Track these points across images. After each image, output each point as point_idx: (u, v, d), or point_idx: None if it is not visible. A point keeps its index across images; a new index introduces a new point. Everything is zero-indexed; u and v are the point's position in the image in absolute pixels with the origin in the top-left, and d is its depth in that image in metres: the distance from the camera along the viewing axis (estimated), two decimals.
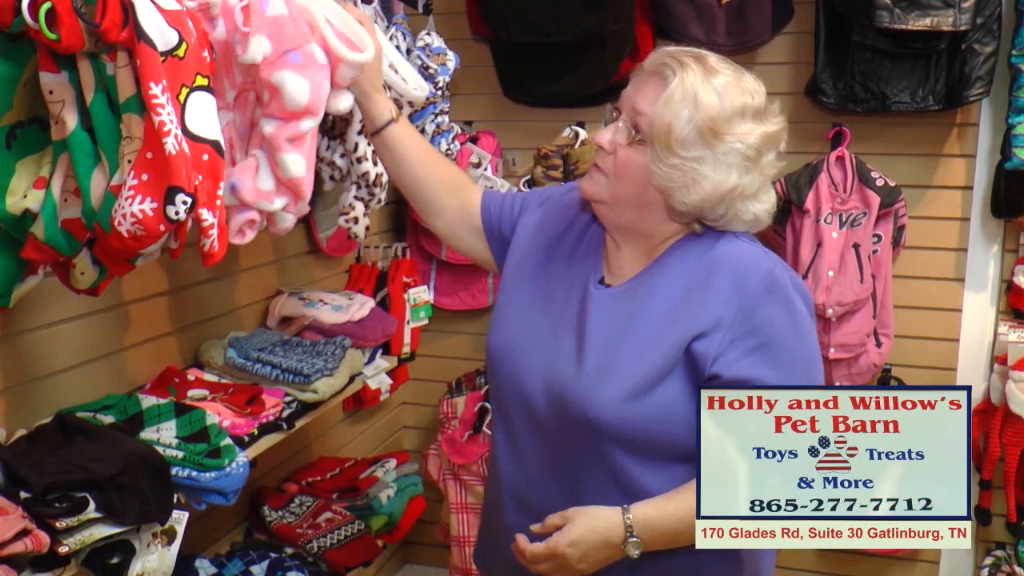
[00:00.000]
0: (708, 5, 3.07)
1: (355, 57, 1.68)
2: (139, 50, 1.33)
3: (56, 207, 1.47)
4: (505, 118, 3.48)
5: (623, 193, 1.59)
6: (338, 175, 2.07)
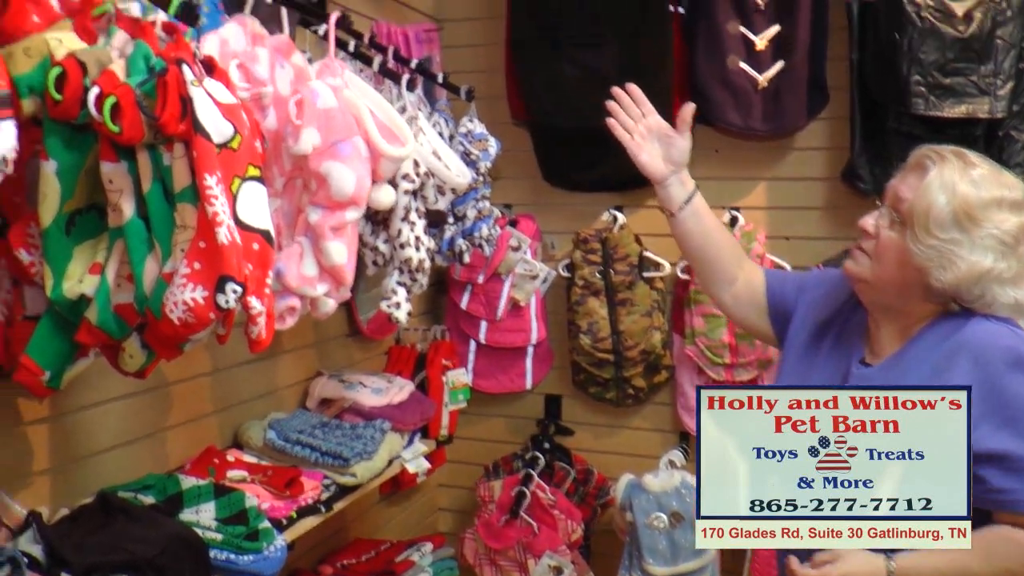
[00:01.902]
0: (745, 90, 3.13)
1: (396, 152, 1.73)
2: (195, 142, 1.39)
3: (110, 292, 1.51)
4: (544, 202, 3.53)
5: (884, 273, 1.66)
6: (381, 260, 2.12)
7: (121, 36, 1.45)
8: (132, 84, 1.35)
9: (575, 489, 3.40)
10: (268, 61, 1.75)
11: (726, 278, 1.94)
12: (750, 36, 3.14)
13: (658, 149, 1.89)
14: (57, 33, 1.38)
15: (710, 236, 1.90)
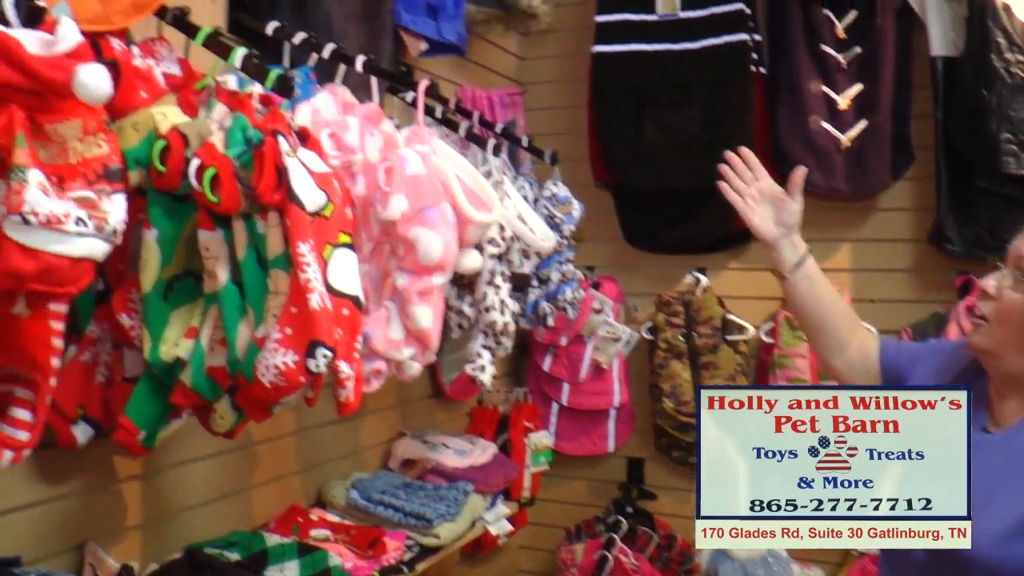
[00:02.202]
0: (827, 150, 3.11)
1: (483, 218, 1.76)
2: (289, 211, 1.43)
3: (203, 355, 1.55)
4: (627, 264, 3.54)
5: (1007, 337, 1.63)
6: (466, 324, 2.14)
7: (221, 109, 1.51)
8: (231, 156, 1.40)
9: (658, 555, 3.35)
10: (358, 129, 1.80)
11: (839, 343, 1.91)
12: (832, 95, 3.13)
13: (770, 212, 1.89)
14: (162, 107, 1.44)
15: (823, 300, 1.88)
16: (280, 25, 1.91)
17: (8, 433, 1.28)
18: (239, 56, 1.54)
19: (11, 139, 1.05)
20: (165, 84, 1.54)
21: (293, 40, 1.89)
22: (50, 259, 1.08)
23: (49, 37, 1.08)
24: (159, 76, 1.53)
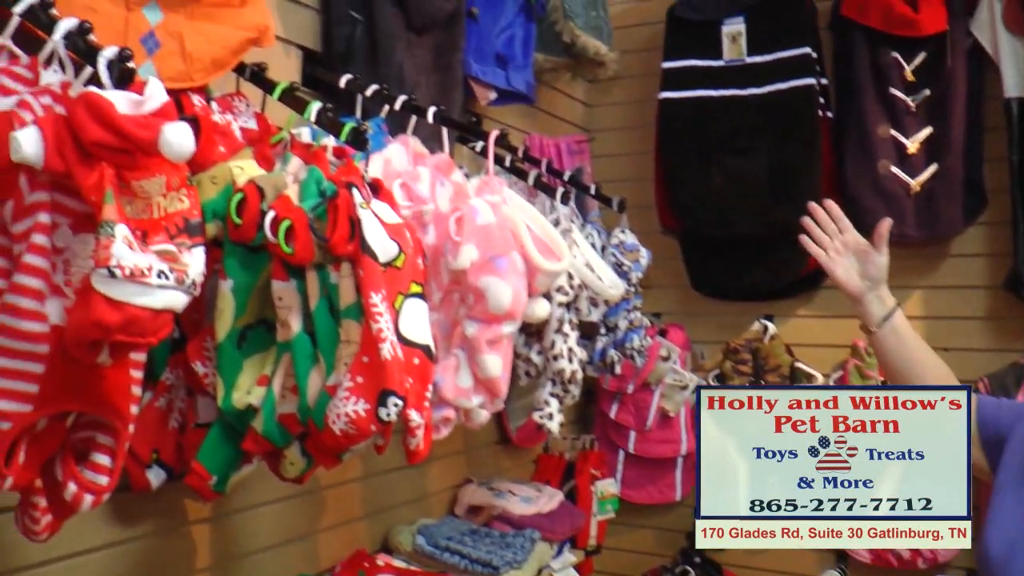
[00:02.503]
0: (897, 195, 3.07)
1: (552, 267, 1.77)
2: (362, 262, 1.45)
3: (275, 403, 1.57)
4: (693, 311, 3.52)
5: None
6: (533, 371, 2.14)
7: (296, 162, 1.54)
8: (305, 208, 1.43)
9: None
10: (429, 179, 1.83)
11: None
12: (901, 139, 3.10)
13: (854, 265, 1.86)
14: (239, 161, 1.48)
15: (913, 356, 1.83)
16: (353, 77, 1.96)
17: (90, 478, 1.31)
18: (314, 110, 1.58)
19: (101, 196, 1.09)
20: (242, 138, 1.59)
21: (366, 92, 1.93)
22: (134, 311, 1.11)
23: (138, 97, 1.11)
24: (237, 130, 1.58)
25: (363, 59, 2.10)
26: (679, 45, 3.33)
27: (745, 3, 3.24)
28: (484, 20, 2.50)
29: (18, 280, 1.15)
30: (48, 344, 1.17)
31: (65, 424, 1.29)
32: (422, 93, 2.15)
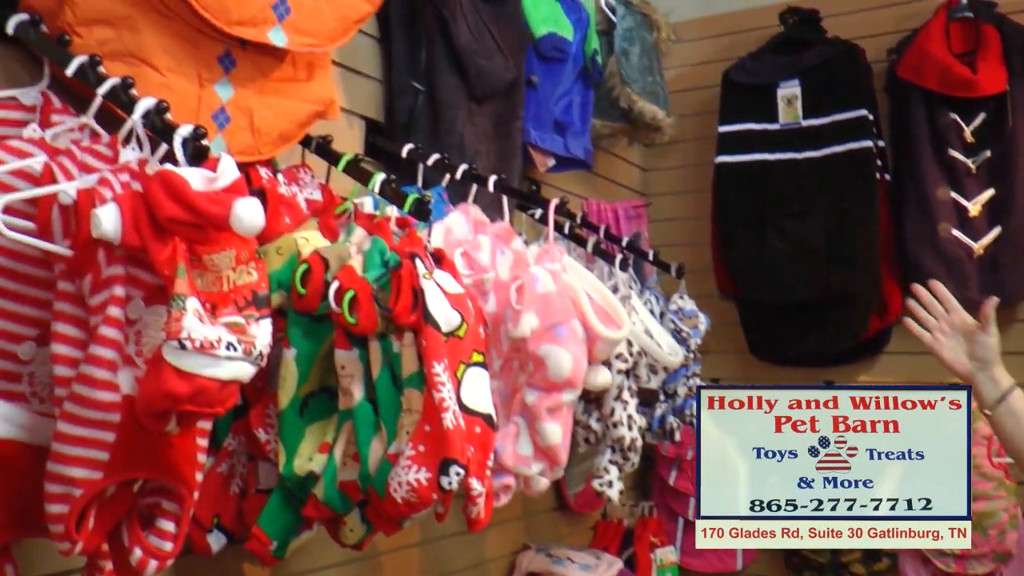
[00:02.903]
0: (959, 259, 3.03)
1: (612, 335, 1.77)
2: (425, 332, 1.46)
3: (336, 470, 1.58)
4: (753, 376, 3.48)
5: None
6: (593, 439, 2.13)
7: (360, 232, 1.57)
8: (369, 278, 1.45)
9: None
10: (490, 248, 1.84)
11: None
12: (962, 202, 3.07)
13: (962, 346, 1.81)
14: (304, 232, 1.51)
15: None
16: (415, 147, 1.99)
17: (155, 544, 1.32)
18: (378, 181, 1.61)
19: (174, 269, 1.11)
20: (307, 209, 1.62)
21: (427, 162, 1.96)
22: (203, 382, 1.13)
23: (211, 174, 1.15)
24: (302, 202, 1.61)
25: (425, 128, 2.13)
26: (735, 108, 3.35)
27: (800, 66, 3.25)
28: (543, 87, 2.54)
29: (93, 351, 1.18)
30: (119, 413, 1.20)
31: (132, 490, 1.31)
32: (482, 161, 2.18)
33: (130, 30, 1.44)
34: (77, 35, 1.40)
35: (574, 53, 2.67)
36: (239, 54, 1.57)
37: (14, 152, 1.25)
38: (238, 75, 1.57)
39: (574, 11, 2.72)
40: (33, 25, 1.40)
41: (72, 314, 1.22)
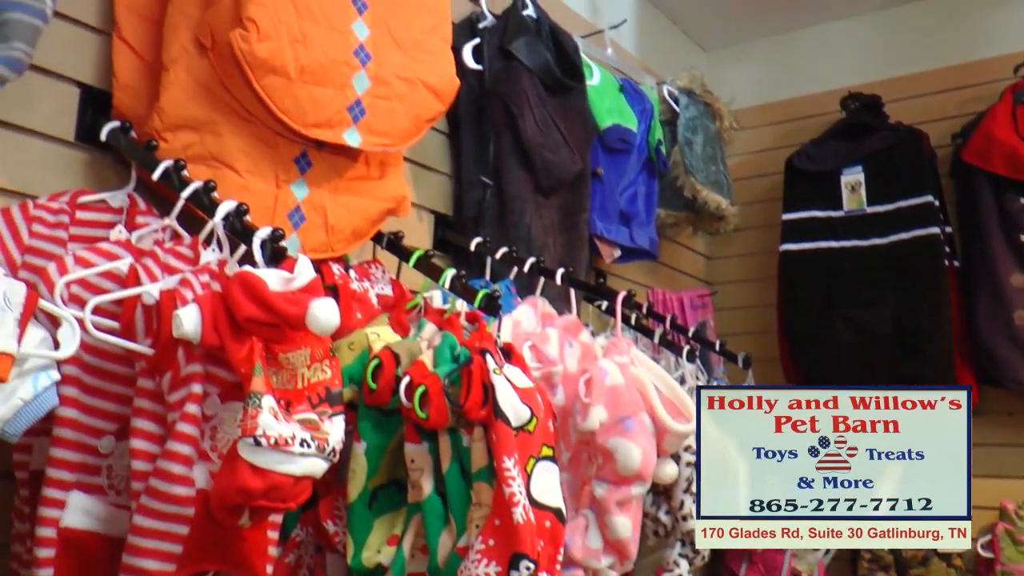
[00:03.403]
0: None
1: (681, 428, 1.75)
2: (495, 427, 1.45)
3: (405, 563, 1.56)
4: None
5: None
6: (662, 531, 2.09)
7: (430, 328, 1.58)
8: (439, 374, 1.45)
9: None
10: (558, 340, 1.84)
11: None
12: None
13: None
14: (376, 327, 1.52)
15: None
16: (483, 240, 2.01)
17: None
18: (448, 277, 1.62)
19: (251, 368, 1.13)
20: (378, 304, 1.64)
21: (495, 255, 1.97)
22: (277, 478, 1.14)
23: (288, 275, 1.17)
24: (373, 297, 1.63)
25: (493, 221, 2.15)
26: (798, 196, 3.32)
27: (863, 152, 3.22)
28: (608, 178, 2.55)
29: (171, 447, 1.20)
30: (194, 507, 1.21)
31: None
32: (549, 253, 2.19)
33: (212, 134, 1.49)
34: (163, 140, 1.45)
35: (638, 144, 2.70)
36: (315, 155, 1.61)
37: (103, 254, 1.29)
38: (313, 175, 1.61)
39: (638, 102, 2.75)
40: (123, 131, 1.46)
41: (151, 410, 1.25)
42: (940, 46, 3.41)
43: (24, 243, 1.34)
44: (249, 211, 1.30)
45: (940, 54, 3.40)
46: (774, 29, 3.78)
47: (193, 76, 1.48)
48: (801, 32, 3.77)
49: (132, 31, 1.54)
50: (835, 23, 3.70)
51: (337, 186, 1.64)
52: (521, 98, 2.17)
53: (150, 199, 1.47)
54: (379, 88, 1.62)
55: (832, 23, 3.70)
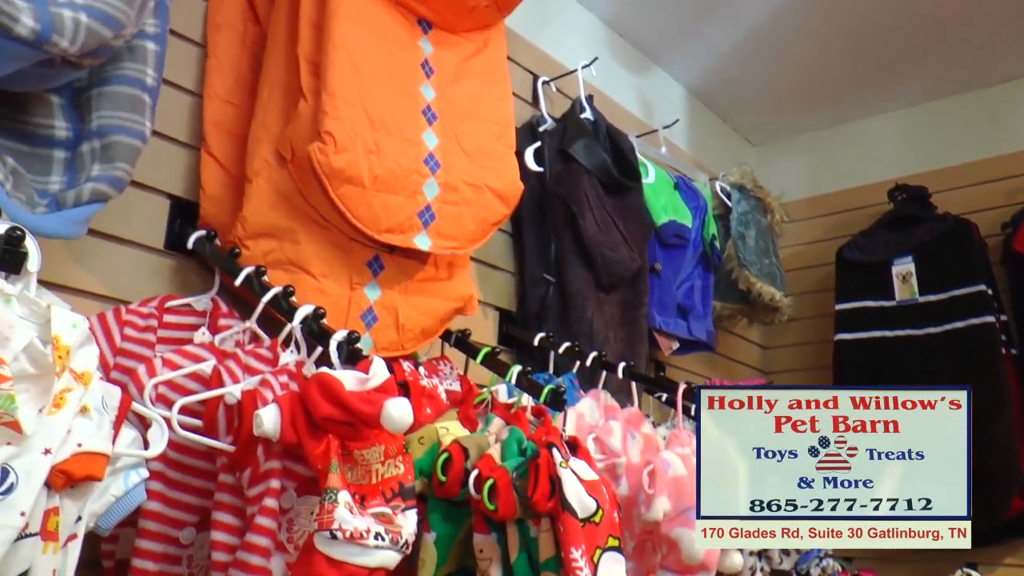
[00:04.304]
0: None
1: None
2: (562, 519, 1.43)
3: None
4: (888, 556, 3.27)
5: None
6: None
7: (497, 422, 1.57)
8: (508, 467, 1.45)
9: None
10: (621, 432, 1.82)
11: None
12: None
13: None
14: (445, 422, 1.53)
15: None
16: (546, 335, 2.01)
17: None
18: (514, 374, 1.62)
19: (327, 464, 1.14)
20: (447, 400, 1.64)
21: (558, 349, 1.98)
22: (352, 569, 1.13)
23: (363, 375, 1.18)
24: (442, 393, 1.63)
25: (555, 317, 2.16)
26: (850, 286, 3.28)
27: (912, 243, 3.19)
28: (665, 273, 2.56)
29: (249, 539, 1.20)
30: None
31: None
32: (611, 347, 2.18)
33: (291, 241, 1.52)
34: (245, 247, 1.49)
35: (693, 239, 2.70)
36: (386, 258, 1.64)
37: (188, 356, 1.32)
38: (385, 277, 1.63)
39: (692, 199, 2.76)
40: (208, 239, 1.50)
41: (231, 503, 1.26)
42: (985, 137, 3.39)
43: (116, 345, 1.38)
44: (326, 314, 1.32)
45: (986, 145, 3.38)
46: (820, 123, 3.80)
47: (274, 187, 1.52)
48: (847, 126, 3.78)
49: (218, 146, 1.60)
50: (880, 116, 3.70)
51: (408, 287, 1.67)
52: (581, 198, 2.19)
53: (232, 302, 1.51)
54: (448, 194, 1.65)
55: (877, 116, 3.70)
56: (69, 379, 1.00)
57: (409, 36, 1.72)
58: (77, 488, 1.03)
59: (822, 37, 3.14)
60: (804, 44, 3.19)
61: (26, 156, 1.23)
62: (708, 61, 3.31)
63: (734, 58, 3.28)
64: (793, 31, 3.09)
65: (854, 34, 3.12)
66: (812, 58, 3.28)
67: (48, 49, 1.04)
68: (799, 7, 2.95)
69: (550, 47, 2.61)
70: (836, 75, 3.41)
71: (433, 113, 1.67)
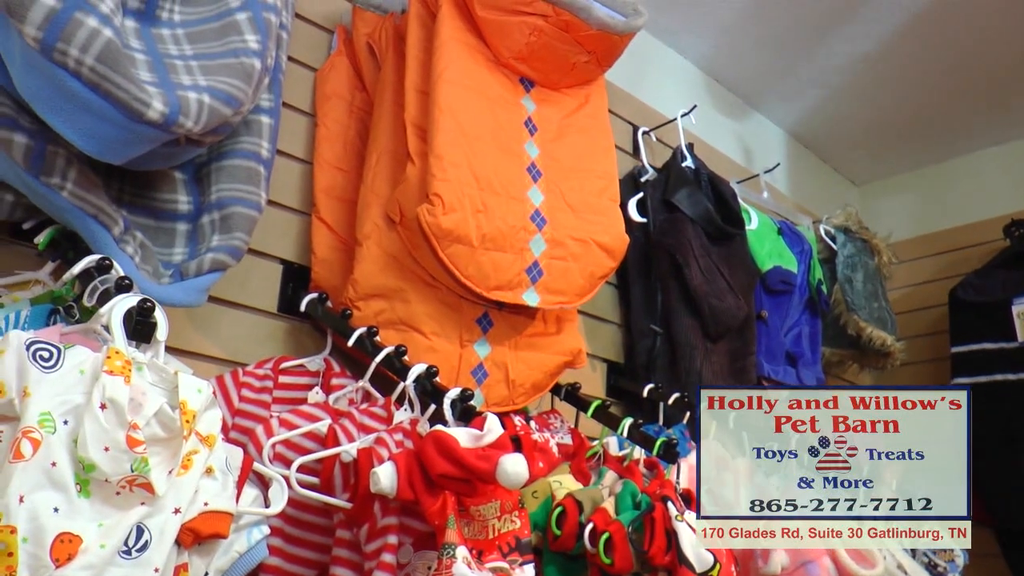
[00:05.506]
0: None
1: (866, 573, 1.66)
2: (679, 572, 1.41)
3: None
4: None
5: None
6: None
7: (610, 475, 1.56)
8: (623, 521, 1.43)
9: None
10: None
11: None
12: None
13: None
14: (558, 476, 1.52)
15: None
16: (655, 386, 1.99)
17: None
18: (626, 426, 1.61)
19: (444, 520, 1.14)
20: (559, 453, 1.63)
21: (668, 400, 1.95)
22: None
23: (478, 432, 1.19)
24: (554, 447, 1.63)
25: (664, 368, 2.14)
26: (966, 328, 3.16)
27: None
28: (772, 321, 2.51)
29: None
30: None
31: None
32: None
33: (402, 301, 1.55)
34: (357, 308, 1.52)
35: (799, 284, 2.65)
36: (496, 315, 1.65)
37: (304, 416, 1.34)
38: (495, 334, 1.64)
39: (796, 243, 2.72)
40: (320, 302, 1.54)
41: (349, 559, 1.27)
42: None
43: (235, 407, 1.42)
44: (438, 372, 1.34)
45: None
46: (925, 160, 3.70)
47: (384, 249, 1.56)
48: (955, 160, 3.66)
49: (328, 211, 1.64)
50: (987, 150, 3.58)
51: (517, 343, 1.67)
52: (686, 248, 2.18)
53: (344, 362, 1.53)
54: (555, 250, 1.66)
55: (984, 150, 3.59)
56: (195, 441, 1.03)
57: (512, 95, 1.75)
58: (204, 545, 1.05)
59: (923, 72, 3.07)
60: (905, 79, 3.13)
61: (152, 230, 1.28)
62: (806, 102, 3.28)
63: (832, 98, 3.24)
64: (895, 67, 3.03)
65: (957, 67, 3.04)
66: (914, 93, 3.21)
67: (175, 130, 1.09)
68: (897, 44, 2.89)
69: (649, 97, 2.62)
70: (940, 109, 3.33)
71: (538, 170, 1.69)
